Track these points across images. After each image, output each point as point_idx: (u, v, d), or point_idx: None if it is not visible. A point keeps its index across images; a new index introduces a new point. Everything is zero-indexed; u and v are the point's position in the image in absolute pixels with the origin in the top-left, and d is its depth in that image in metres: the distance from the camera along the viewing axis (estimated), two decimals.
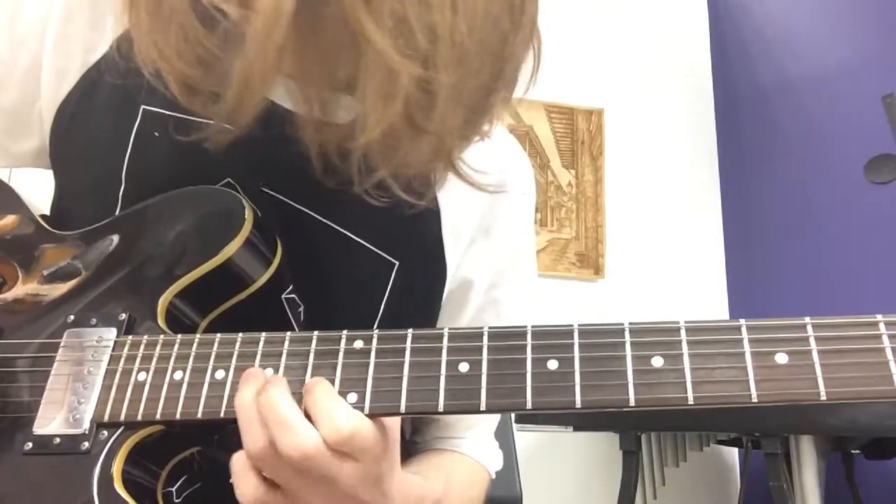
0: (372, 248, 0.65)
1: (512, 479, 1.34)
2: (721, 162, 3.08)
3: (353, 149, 0.53)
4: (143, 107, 0.63)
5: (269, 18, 0.47)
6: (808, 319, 0.45)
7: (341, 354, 0.51)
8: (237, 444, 0.49)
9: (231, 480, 0.62)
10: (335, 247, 0.64)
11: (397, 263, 0.66)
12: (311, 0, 0.47)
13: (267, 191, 0.63)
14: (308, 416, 0.48)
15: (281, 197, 0.63)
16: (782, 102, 2.81)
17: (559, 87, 2.83)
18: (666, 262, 2.86)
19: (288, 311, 0.64)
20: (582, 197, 2.84)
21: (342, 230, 0.64)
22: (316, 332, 0.52)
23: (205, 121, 0.59)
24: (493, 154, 0.67)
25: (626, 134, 2.95)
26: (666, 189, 2.95)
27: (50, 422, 0.54)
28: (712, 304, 2.91)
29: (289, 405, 0.48)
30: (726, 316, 2.92)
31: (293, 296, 0.65)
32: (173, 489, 0.60)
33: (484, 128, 0.57)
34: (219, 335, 0.54)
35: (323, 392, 0.49)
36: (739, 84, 3.04)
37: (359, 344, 0.51)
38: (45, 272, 0.63)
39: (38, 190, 0.71)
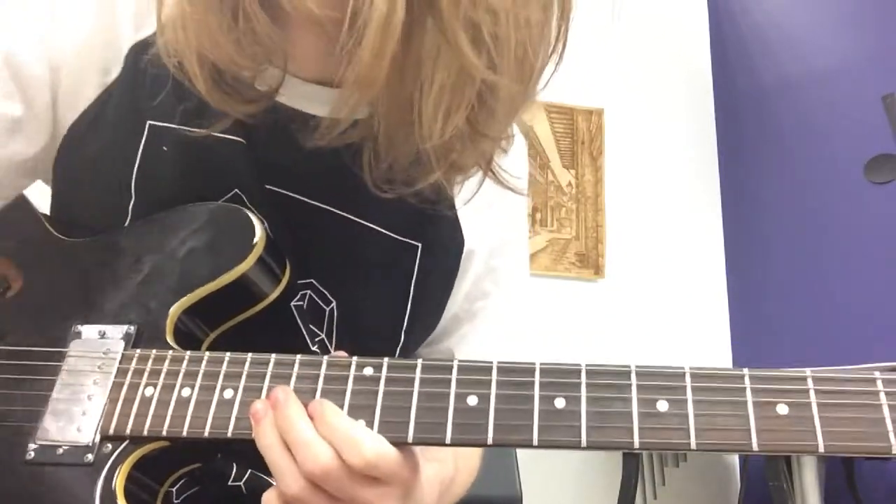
0: (393, 235, 0.65)
1: (512, 479, 1.34)
2: (721, 162, 3.08)
3: (402, 155, 0.56)
4: (149, 122, 0.62)
5: (383, 28, 0.48)
6: (808, 372, 0.47)
7: (350, 380, 0.51)
8: (239, 458, 0.49)
9: (230, 483, 0.62)
10: (355, 238, 0.64)
11: (420, 245, 0.66)
12: (418, 10, 0.49)
13: (274, 188, 0.63)
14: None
15: (289, 193, 0.63)
16: (782, 102, 2.81)
17: (559, 87, 2.82)
18: (666, 262, 2.86)
19: (298, 319, 0.64)
20: (582, 197, 2.84)
21: (360, 221, 0.64)
22: (326, 357, 0.52)
23: (212, 133, 0.59)
24: None
25: (626, 134, 2.95)
26: (666, 189, 2.95)
27: (53, 431, 0.53)
28: (711, 304, 2.91)
29: (305, 424, 0.48)
30: (725, 315, 2.93)
31: (325, 292, 0.65)
32: (173, 489, 0.60)
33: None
34: (228, 354, 0.54)
35: (335, 415, 0.49)
36: (739, 84, 3.04)
37: (368, 371, 0.51)
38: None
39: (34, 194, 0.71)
